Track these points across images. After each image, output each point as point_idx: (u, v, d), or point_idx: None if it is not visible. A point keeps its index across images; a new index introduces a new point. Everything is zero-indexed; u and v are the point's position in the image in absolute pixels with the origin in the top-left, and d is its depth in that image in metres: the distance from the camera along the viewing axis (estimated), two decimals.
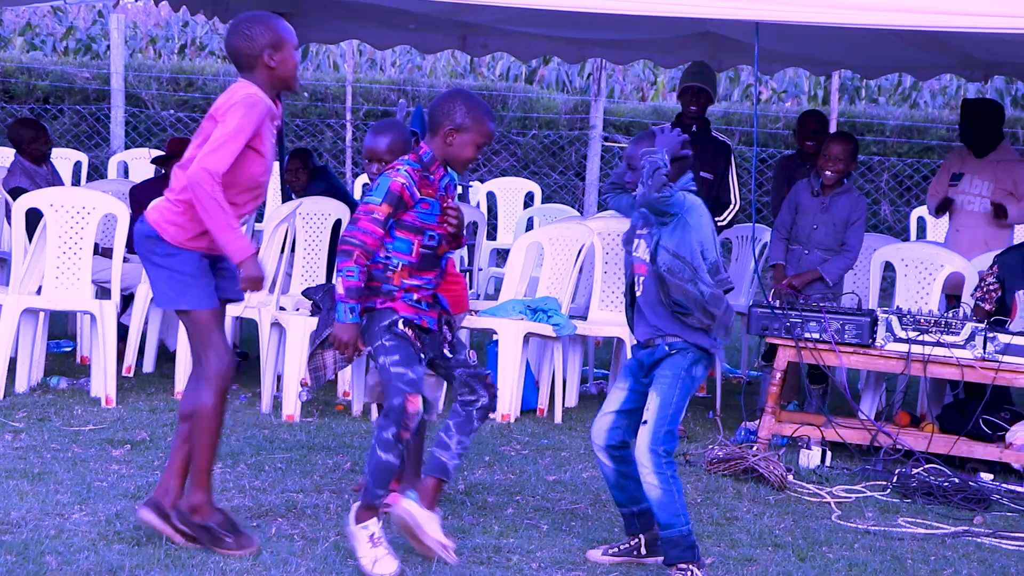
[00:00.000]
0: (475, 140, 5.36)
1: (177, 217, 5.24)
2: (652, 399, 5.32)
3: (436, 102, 5.40)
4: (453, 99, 5.38)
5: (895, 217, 16.50)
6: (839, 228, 8.42)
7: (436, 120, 5.36)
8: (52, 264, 7.95)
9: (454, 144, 5.35)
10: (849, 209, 8.42)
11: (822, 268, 8.38)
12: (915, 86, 19.50)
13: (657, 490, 5.25)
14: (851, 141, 8.53)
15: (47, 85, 17.15)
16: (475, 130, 5.35)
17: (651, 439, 5.26)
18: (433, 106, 5.40)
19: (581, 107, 17.45)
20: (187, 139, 9.80)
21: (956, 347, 7.53)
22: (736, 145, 17.56)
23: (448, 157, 5.38)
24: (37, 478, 6.20)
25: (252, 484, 6.36)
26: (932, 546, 6.19)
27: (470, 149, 5.37)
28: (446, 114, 5.34)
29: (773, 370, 7.82)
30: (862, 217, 8.43)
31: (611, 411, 5.51)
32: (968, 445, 7.62)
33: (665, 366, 5.34)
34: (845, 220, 8.41)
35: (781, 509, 6.64)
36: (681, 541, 5.26)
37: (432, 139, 5.37)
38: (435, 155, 5.36)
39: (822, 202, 8.38)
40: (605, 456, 5.51)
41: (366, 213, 5.25)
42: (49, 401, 7.83)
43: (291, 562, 5.22)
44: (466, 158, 5.40)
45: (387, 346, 5.30)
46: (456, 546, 5.37)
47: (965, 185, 9.10)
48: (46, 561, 5.02)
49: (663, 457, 5.26)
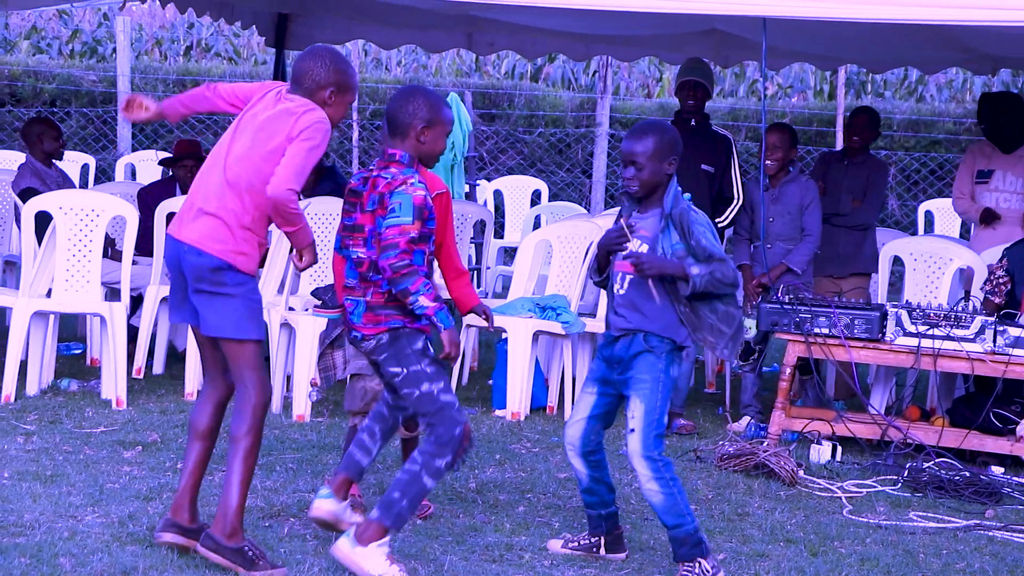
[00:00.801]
0: (444, 131, 5.34)
1: (245, 246, 5.14)
2: (636, 406, 5.30)
3: (396, 104, 5.30)
4: (414, 96, 5.31)
5: (903, 211, 16.48)
6: (794, 216, 8.41)
7: (403, 121, 5.26)
8: (62, 267, 7.97)
9: (427, 141, 5.29)
10: (800, 195, 8.42)
11: (787, 259, 8.36)
12: (921, 80, 19.47)
13: (659, 495, 5.25)
14: (787, 130, 8.60)
15: (54, 88, 17.17)
16: (442, 122, 5.32)
17: (643, 446, 5.26)
18: (394, 108, 5.29)
19: (587, 104, 17.45)
20: (195, 141, 9.90)
21: (966, 341, 7.53)
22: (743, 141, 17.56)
23: (423, 155, 5.32)
24: (50, 480, 6.21)
25: (264, 484, 6.37)
26: (944, 540, 6.19)
27: (441, 142, 5.35)
28: (413, 113, 5.27)
29: (783, 366, 7.82)
30: (815, 200, 8.43)
31: (582, 417, 5.50)
32: (979, 439, 7.61)
33: (642, 369, 5.32)
34: (798, 206, 8.41)
35: (792, 504, 6.65)
36: (688, 539, 5.27)
37: (403, 141, 5.27)
38: (412, 156, 5.29)
39: (772, 194, 8.38)
40: (580, 462, 5.51)
41: (403, 235, 5.11)
42: (60, 403, 7.85)
43: (305, 561, 5.23)
44: (439, 151, 5.37)
45: (429, 372, 5.22)
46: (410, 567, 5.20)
47: (998, 182, 9.07)
48: (60, 563, 5.04)
49: (659, 461, 5.26)
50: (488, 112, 17.51)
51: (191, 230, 5.16)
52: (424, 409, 5.22)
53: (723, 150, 8.42)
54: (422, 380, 5.20)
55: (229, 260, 5.10)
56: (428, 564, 5.33)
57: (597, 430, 5.50)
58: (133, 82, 16.45)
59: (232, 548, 5.07)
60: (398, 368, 5.22)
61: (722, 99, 18.78)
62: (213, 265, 5.10)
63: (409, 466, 5.18)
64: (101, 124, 16.75)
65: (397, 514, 5.12)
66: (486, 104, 17.61)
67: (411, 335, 5.23)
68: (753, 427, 8.19)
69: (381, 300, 5.23)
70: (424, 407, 5.21)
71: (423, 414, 5.24)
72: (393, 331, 5.23)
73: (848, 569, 5.62)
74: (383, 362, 5.26)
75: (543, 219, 11.97)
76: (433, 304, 5.09)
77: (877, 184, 8.88)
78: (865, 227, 8.84)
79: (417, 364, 5.21)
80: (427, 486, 5.16)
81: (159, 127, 16.85)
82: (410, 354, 5.22)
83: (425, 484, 5.15)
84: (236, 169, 5.17)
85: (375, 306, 5.23)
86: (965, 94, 19.39)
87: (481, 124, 16.99)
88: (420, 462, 5.16)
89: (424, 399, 5.20)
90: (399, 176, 5.21)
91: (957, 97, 19.37)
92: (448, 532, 5.81)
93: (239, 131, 5.27)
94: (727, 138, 8.56)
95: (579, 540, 5.64)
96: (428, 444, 5.18)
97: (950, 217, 13.29)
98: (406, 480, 5.15)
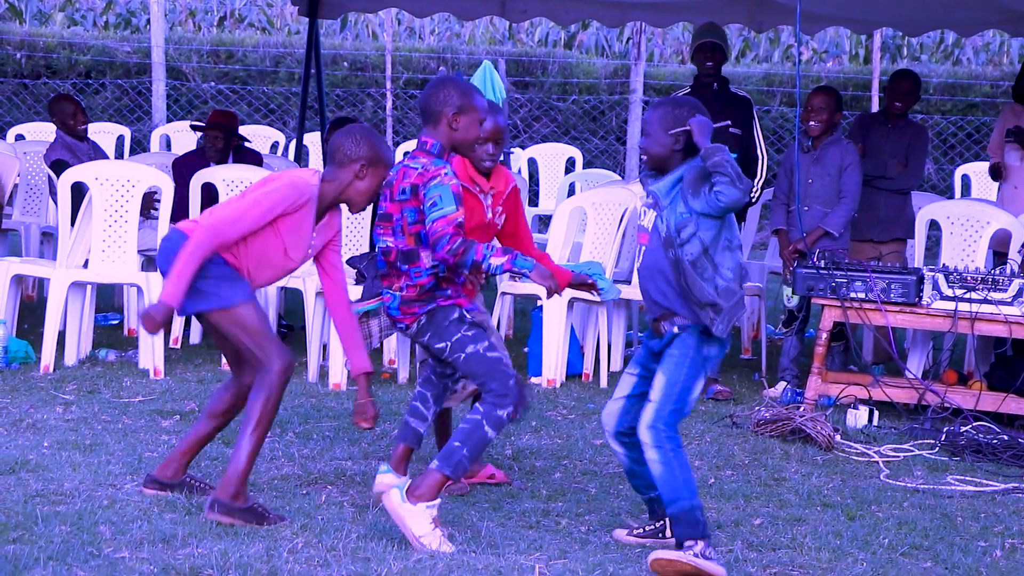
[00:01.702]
0: (477, 118, 5.36)
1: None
2: (658, 378, 5.10)
3: (428, 92, 5.35)
4: (444, 85, 5.36)
5: (939, 175, 16.39)
6: (833, 178, 8.34)
7: (435, 109, 5.31)
8: (98, 237, 8.01)
9: (460, 127, 5.33)
10: (840, 157, 8.34)
11: (824, 223, 8.29)
12: (958, 43, 19.33)
13: (657, 465, 5.03)
14: (833, 93, 8.50)
15: (88, 60, 17.24)
16: (475, 108, 5.35)
17: (653, 416, 5.05)
18: (426, 96, 5.35)
19: (621, 71, 17.40)
20: (231, 112, 9.93)
21: (1003, 304, 7.49)
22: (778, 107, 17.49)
23: (456, 142, 5.36)
24: (89, 449, 6.26)
25: (301, 452, 6.40)
26: (982, 503, 6.17)
27: (475, 129, 5.37)
28: (444, 101, 5.31)
29: (819, 330, 7.80)
30: (854, 162, 8.35)
31: (621, 396, 5.31)
32: (1017, 402, 7.58)
33: (674, 346, 5.10)
34: (838, 167, 8.33)
35: (829, 469, 6.64)
36: (684, 517, 5.01)
37: (435, 129, 5.33)
38: (443, 145, 5.33)
39: (813, 155, 8.32)
40: (616, 443, 5.32)
41: (450, 223, 5.16)
42: (98, 373, 7.90)
43: (343, 528, 5.25)
44: (474, 138, 5.40)
45: (470, 335, 5.35)
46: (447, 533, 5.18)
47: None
48: (100, 531, 5.08)
49: (663, 431, 5.03)
50: (522, 80, 17.48)
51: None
52: (474, 370, 5.34)
53: (745, 113, 8.36)
54: (466, 344, 5.35)
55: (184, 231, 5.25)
56: (465, 530, 5.35)
57: (633, 412, 5.23)
58: (167, 53, 16.50)
59: (242, 508, 5.26)
60: (442, 343, 5.39)
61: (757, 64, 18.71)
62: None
63: (472, 415, 5.27)
64: (136, 95, 16.81)
65: (457, 462, 5.17)
66: (520, 72, 17.58)
67: (446, 310, 5.38)
68: (789, 392, 8.17)
69: (414, 294, 5.37)
70: (473, 368, 5.34)
71: (475, 375, 5.36)
72: (429, 313, 5.38)
73: (885, 533, 5.61)
74: (428, 341, 5.44)
75: (577, 186, 11.95)
76: (506, 257, 5.19)
77: (919, 149, 8.82)
78: (906, 191, 8.80)
79: (457, 332, 5.37)
80: (488, 436, 5.23)
81: (193, 97, 16.89)
82: (448, 325, 5.38)
83: (487, 433, 5.22)
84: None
85: (409, 299, 5.39)
86: (1002, 56, 19.24)
87: (515, 92, 16.96)
88: (482, 412, 5.24)
89: (471, 359, 5.34)
90: (430, 168, 5.27)
91: (994, 60, 19.22)
92: (485, 499, 5.83)
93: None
94: (747, 100, 8.50)
95: (644, 528, 5.44)
96: (488, 396, 5.27)
97: (987, 181, 13.18)
98: (468, 429, 5.22)
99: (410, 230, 5.33)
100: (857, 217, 8.46)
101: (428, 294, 5.37)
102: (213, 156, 9.39)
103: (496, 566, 4.95)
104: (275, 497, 5.66)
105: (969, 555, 5.37)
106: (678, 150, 5.11)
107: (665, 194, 5.09)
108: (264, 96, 17.14)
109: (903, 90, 8.81)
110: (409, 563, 4.91)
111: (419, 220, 5.30)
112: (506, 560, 5.01)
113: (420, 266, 5.35)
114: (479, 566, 4.93)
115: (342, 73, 17.42)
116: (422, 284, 5.36)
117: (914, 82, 8.88)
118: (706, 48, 8.43)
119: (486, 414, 5.24)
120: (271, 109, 17.09)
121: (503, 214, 5.93)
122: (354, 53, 17.83)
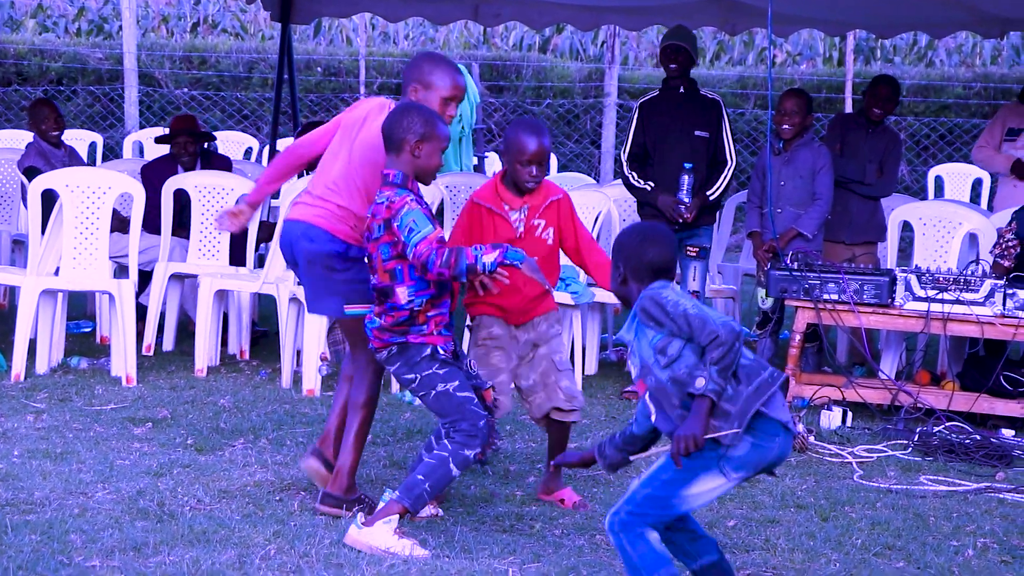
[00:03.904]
0: (440, 147, 5.34)
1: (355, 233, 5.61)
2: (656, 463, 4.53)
3: (392, 119, 5.31)
4: (408, 111, 5.33)
5: (912, 177, 16.43)
6: (806, 180, 8.36)
7: (398, 136, 5.28)
8: (69, 245, 7.96)
9: (422, 155, 5.31)
10: (812, 159, 8.37)
11: (798, 224, 8.31)
12: (931, 45, 19.39)
13: (620, 551, 4.49)
14: (804, 96, 8.52)
15: (60, 67, 17.17)
16: (438, 137, 5.32)
17: (624, 500, 4.48)
18: (390, 123, 5.31)
19: (595, 75, 17.40)
20: (190, 116, 9.90)
21: (975, 304, 7.52)
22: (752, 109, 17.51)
23: (418, 170, 5.33)
24: (60, 458, 6.22)
25: (274, 459, 6.38)
26: (954, 503, 6.18)
27: (437, 156, 5.35)
28: (407, 128, 5.28)
29: (793, 332, 7.82)
30: (827, 164, 8.37)
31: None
32: (989, 402, 7.61)
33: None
34: (810, 170, 8.36)
35: (803, 470, 6.64)
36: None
37: (398, 156, 5.30)
38: (405, 174, 5.30)
39: (784, 158, 8.34)
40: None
41: (431, 242, 5.13)
42: (70, 381, 7.86)
43: (316, 534, 5.23)
44: (435, 166, 5.38)
45: (441, 374, 5.31)
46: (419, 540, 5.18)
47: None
48: (71, 540, 5.05)
49: (617, 528, 4.44)
50: (496, 84, 17.48)
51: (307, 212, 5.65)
52: (443, 408, 5.30)
53: (715, 114, 8.35)
54: (436, 382, 5.31)
55: (346, 240, 5.57)
56: (439, 535, 5.34)
57: None
58: (140, 59, 16.45)
59: (353, 499, 5.55)
60: (412, 375, 5.35)
61: (731, 67, 18.73)
62: (327, 251, 5.59)
63: (439, 451, 5.25)
64: (108, 102, 16.74)
65: (417, 496, 5.17)
66: (494, 76, 17.58)
67: (418, 347, 5.34)
68: None
69: (389, 324, 5.34)
70: (442, 406, 5.30)
71: (443, 414, 5.31)
72: (400, 345, 5.35)
73: (858, 533, 5.61)
74: (397, 371, 5.41)
75: None
76: (496, 252, 5.17)
77: (894, 156, 8.85)
78: (878, 198, 8.82)
79: (428, 368, 5.32)
80: (452, 474, 5.22)
81: (166, 103, 16.84)
82: (420, 361, 5.33)
83: (451, 471, 5.21)
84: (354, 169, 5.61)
85: (386, 327, 5.35)
86: (975, 58, 19.31)
87: (489, 96, 16.96)
88: (450, 449, 5.23)
89: (440, 398, 5.30)
90: (395, 199, 5.25)
91: (967, 61, 19.29)
92: (459, 503, 5.82)
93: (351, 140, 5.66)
94: (717, 102, 8.49)
95: None
96: (456, 435, 5.24)
97: (960, 182, 13.26)
98: (433, 465, 5.22)
99: (384, 267, 5.29)
100: (830, 219, 8.49)
101: (402, 327, 5.33)
102: (186, 163, 9.36)
103: (470, 570, 4.94)
104: (248, 503, 5.64)
105: (941, 555, 5.38)
106: (637, 286, 4.56)
107: (628, 331, 4.56)
108: (237, 102, 17.11)
109: (883, 96, 8.83)
110: (383, 568, 4.89)
111: (394, 255, 5.26)
112: (480, 564, 5.01)
113: (395, 302, 5.31)
114: (452, 570, 4.92)
115: (316, 78, 17.39)
116: (397, 316, 5.32)
117: (894, 88, 8.90)
118: (670, 51, 8.43)
119: (453, 452, 5.22)
120: (244, 115, 17.05)
121: (548, 227, 5.85)
122: (328, 58, 17.80)
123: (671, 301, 4.40)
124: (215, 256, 8.84)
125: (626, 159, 8.28)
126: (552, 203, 5.87)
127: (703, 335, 4.32)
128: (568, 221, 5.91)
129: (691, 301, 4.43)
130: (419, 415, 7.31)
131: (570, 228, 5.92)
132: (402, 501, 5.16)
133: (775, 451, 4.39)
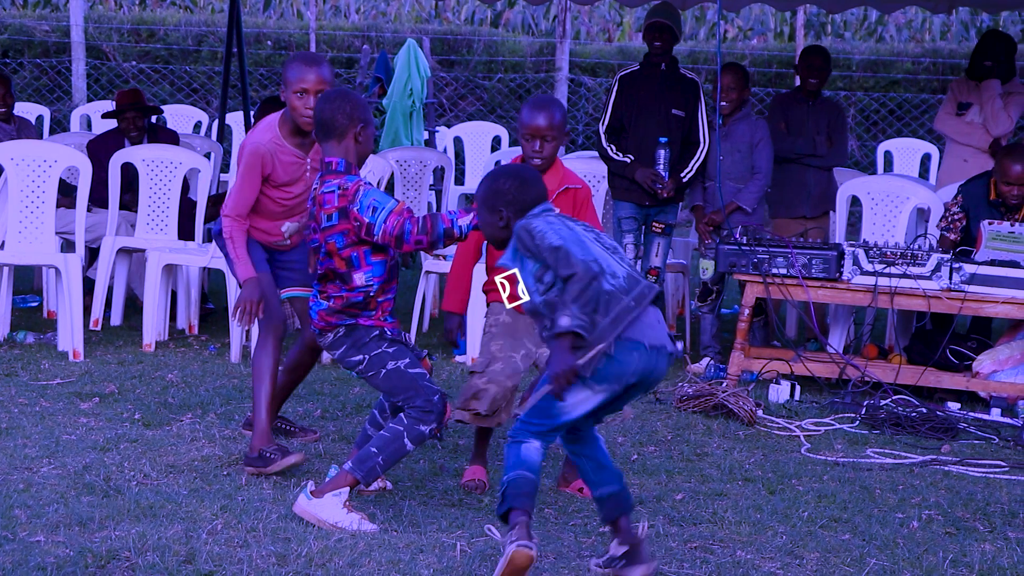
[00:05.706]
0: (373, 132, 5.37)
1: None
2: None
3: (332, 106, 5.27)
4: (347, 98, 5.31)
5: (862, 152, 16.51)
6: (744, 154, 8.40)
7: (340, 124, 5.26)
8: (15, 219, 7.89)
9: (363, 140, 5.33)
10: (750, 133, 8.41)
11: (737, 198, 8.34)
12: (881, 20, 19.46)
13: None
14: (740, 70, 8.54)
15: (6, 39, 16.98)
16: (372, 120, 5.36)
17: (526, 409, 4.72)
18: (331, 111, 5.26)
19: (547, 49, 17.37)
20: (136, 90, 9.79)
21: (922, 278, 7.57)
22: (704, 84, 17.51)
23: (360, 156, 5.35)
24: (5, 433, 6.18)
25: (222, 433, 6.36)
26: (900, 475, 6.23)
27: (372, 141, 5.39)
28: (350, 114, 5.27)
29: (742, 306, 7.85)
30: (765, 138, 8.40)
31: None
32: (935, 375, 7.67)
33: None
34: (748, 144, 8.39)
35: (751, 444, 6.68)
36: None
37: (340, 143, 5.28)
38: (348, 161, 5.29)
39: (722, 132, 8.37)
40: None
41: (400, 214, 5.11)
42: (16, 356, 7.80)
43: (264, 508, 5.22)
44: (370, 151, 5.42)
45: (391, 352, 5.29)
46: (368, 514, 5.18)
47: (973, 115, 9.12)
48: (15, 515, 5.01)
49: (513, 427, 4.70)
50: (447, 58, 17.41)
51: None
52: (395, 385, 5.28)
53: (692, 94, 8.39)
54: (386, 360, 5.29)
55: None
56: (387, 509, 5.34)
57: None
58: (87, 32, 16.28)
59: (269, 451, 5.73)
60: (360, 356, 5.32)
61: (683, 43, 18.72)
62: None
63: (394, 425, 5.23)
64: (55, 75, 16.58)
65: (370, 468, 5.16)
66: (445, 50, 17.51)
67: (367, 328, 5.32)
68: (712, 368, 8.21)
69: (339, 306, 5.31)
70: (394, 383, 5.28)
71: (394, 392, 5.29)
72: (348, 327, 5.32)
73: (805, 506, 5.65)
74: (343, 355, 5.36)
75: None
76: (471, 215, 5.15)
77: (840, 125, 8.91)
78: (832, 167, 8.88)
79: (377, 348, 5.30)
80: (407, 448, 5.21)
81: (114, 77, 16.69)
82: (368, 341, 5.31)
83: (405, 445, 5.20)
84: None
85: (334, 310, 5.32)
86: (924, 34, 19.40)
87: (440, 70, 16.90)
88: (405, 424, 5.22)
89: (392, 375, 5.28)
90: (347, 184, 5.23)
91: (916, 37, 19.37)
92: (408, 477, 5.82)
93: None
94: (695, 82, 8.52)
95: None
96: (412, 411, 5.23)
97: (909, 156, 13.32)
98: (387, 438, 5.20)
99: (341, 255, 5.26)
100: (789, 195, 8.53)
101: (353, 309, 5.30)
102: (135, 137, 9.27)
103: (418, 544, 4.94)
104: (195, 478, 5.62)
105: (887, 526, 5.43)
106: (502, 225, 4.84)
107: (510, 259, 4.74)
108: (186, 75, 16.97)
109: (816, 65, 8.88)
110: (330, 542, 4.88)
111: (348, 243, 5.22)
112: (428, 538, 5.01)
113: (353, 285, 5.29)
114: (400, 544, 4.92)
115: (266, 52, 17.28)
116: (350, 298, 5.28)
117: (824, 57, 8.97)
118: (655, 28, 8.44)
119: (408, 427, 5.21)
120: (194, 88, 16.92)
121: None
122: (278, 32, 17.69)
123: (539, 232, 4.60)
124: (163, 231, 8.78)
125: (604, 131, 8.30)
126: (568, 190, 5.76)
127: (562, 269, 4.52)
128: (583, 213, 5.74)
129: (558, 233, 4.59)
130: (368, 390, 7.29)
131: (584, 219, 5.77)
132: (354, 472, 5.15)
133: (633, 364, 4.59)
